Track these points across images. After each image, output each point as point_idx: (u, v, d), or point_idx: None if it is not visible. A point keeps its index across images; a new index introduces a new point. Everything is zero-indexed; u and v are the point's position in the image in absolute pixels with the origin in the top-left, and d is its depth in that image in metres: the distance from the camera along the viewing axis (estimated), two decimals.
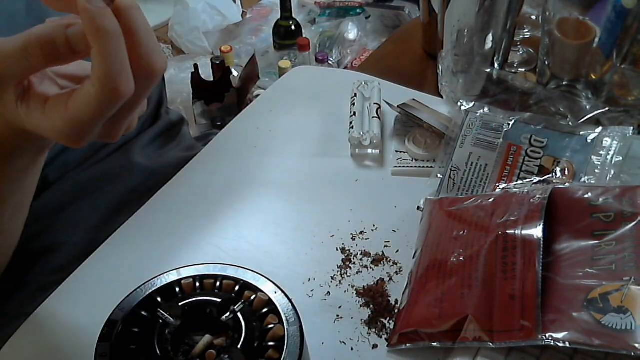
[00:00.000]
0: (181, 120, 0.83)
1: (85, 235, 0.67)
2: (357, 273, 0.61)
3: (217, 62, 1.92)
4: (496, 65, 0.85)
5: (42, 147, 0.49)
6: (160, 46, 0.40)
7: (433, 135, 0.74)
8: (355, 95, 0.79)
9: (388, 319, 0.56)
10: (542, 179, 0.63)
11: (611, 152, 0.64)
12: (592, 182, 0.62)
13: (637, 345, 0.44)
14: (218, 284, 0.48)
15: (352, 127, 0.75)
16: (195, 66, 1.88)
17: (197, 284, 0.48)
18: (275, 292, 0.47)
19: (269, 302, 0.46)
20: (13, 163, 0.48)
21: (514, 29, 0.86)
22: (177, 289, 0.48)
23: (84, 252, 0.64)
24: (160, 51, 0.40)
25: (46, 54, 0.38)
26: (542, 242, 0.52)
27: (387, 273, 0.61)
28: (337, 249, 0.63)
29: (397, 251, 0.63)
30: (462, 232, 0.58)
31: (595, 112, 0.70)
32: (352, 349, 0.55)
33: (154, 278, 0.48)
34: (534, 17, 0.97)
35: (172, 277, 0.48)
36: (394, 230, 0.65)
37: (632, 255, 0.50)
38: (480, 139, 0.67)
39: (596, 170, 0.63)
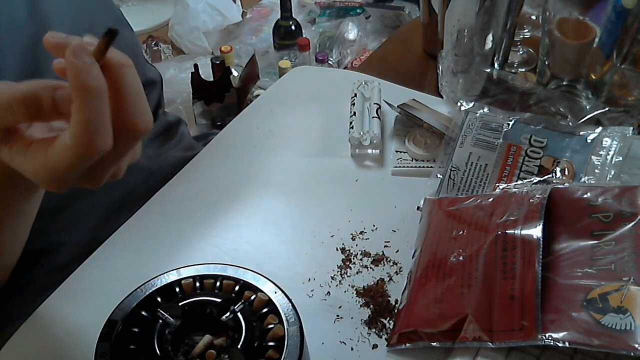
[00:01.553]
0: (179, 121, 0.83)
1: (85, 235, 0.67)
2: (357, 273, 0.61)
3: (217, 62, 1.91)
4: (496, 65, 0.85)
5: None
6: (147, 105, 0.40)
7: (433, 135, 0.74)
8: (355, 95, 0.79)
9: (388, 319, 0.56)
10: (542, 179, 0.63)
11: (611, 152, 0.64)
12: (592, 182, 0.62)
13: (636, 346, 0.44)
14: (218, 284, 0.48)
15: (352, 127, 0.75)
16: (195, 66, 1.88)
17: (197, 284, 0.48)
18: (275, 292, 0.47)
19: (269, 302, 0.46)
20: (9, 190, 0.48)
21: (514, 29, 0.86)
22: (177, 289, 0.48)
23: (84, 252, 0.64)
24: (147, 111, 0.39)
25: (30, 112, 0.38)
26: (541, 242, 0.52)
27: (387, 273, 0.61)
28: (337, 249, 0.63)
29: (397, 251, 0.63)
30: (461, 232, 0.58)
31: (595, 112, 0.70)
32: (352, 349, 0.55)
33: (154, 278, 0.48)
34: (534, 17, 0.97)
35: (172, 277, 0.48)
36: (394, 230, 0.65)
37: (632, 255, 0.50)
38: (480, 139, 0.67)
39: (596, 171, 0.63)
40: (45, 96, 0.38)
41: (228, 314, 0.45)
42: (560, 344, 0.46)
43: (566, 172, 0.63)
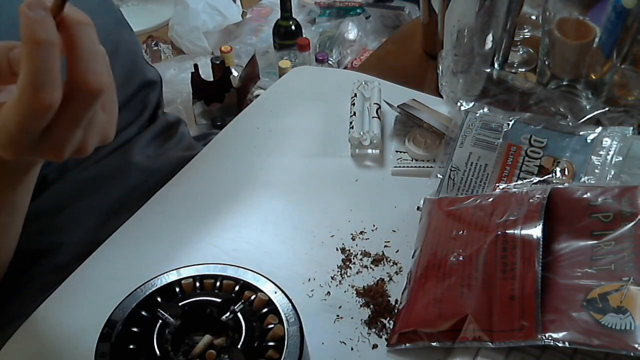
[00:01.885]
0: (178, 121, 0.83)
1: (85, 235, 0.67)
2: (357, 273, 0.61)
3: (217, 62, 1.91)
4: (496, 65, 0.85)
5: (23, 165, 0.48)
6: (103, 66, 0.39)
7: (433, 135, 0.74)
8: (355, 95, 0.79)
9: (388, 319, 0.56)
10: (541, 179, 0.63)
11: (611, 152, 0.64)
12: (592, 182, 0.62)
13: (636, 346, 0.44)
14: (218, 284, 0.48)
15: (352, 127, 0.75)
16: (195, 66, 1.88)
17: (197, 284, 0.48)
18: (275, 292, 0.47)
19: (269, 302, 0.46)
20: None
21: (514, 29, 0.86)
22: (177, 289, 0.48)
23: (84, 252, 0.64)
24: (100, 71, 0.38)
25: None
26: (541, 242, 0.52)
27: (387, 273, 0.61)
28: (337, 249, 0.63)
29: (397, 251, 0.63)
30: (461, 232, 0.58)
31: (595, 112, 0.70)
32: (352, 349, 0.55)
33: (154, 278, 0.48)
34: (534, 17, 0.97)
35: (172, 277, 0.48)
36: (394, 230, 0.65)
37: (631, 255, 0.50)
38: (480, 139, 0.67)
39: (596, 171, 0.63)
40: (1, 56, 0.37)
41: (228, 314, 0.45)
42: (560, 344, 0.46)
43: (566, 172, 0.63)
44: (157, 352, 0.43)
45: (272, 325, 0.45)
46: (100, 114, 0.42)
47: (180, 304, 0.46)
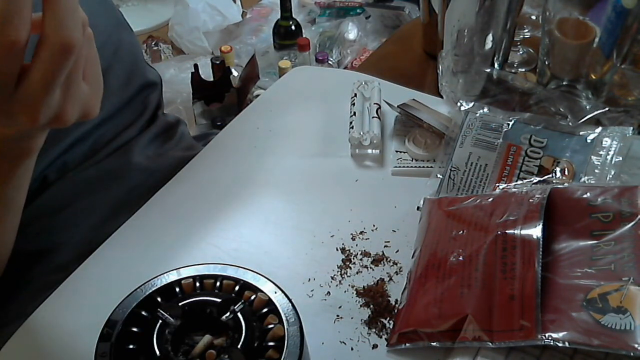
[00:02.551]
0: (178, 121, 0.83)
1: (85, 235, 0.67)
2: (357, 273, 0.61)
3: (217, 62, 1.91)
4: (496, 65, 0.85)
5: (18, 152, 0.48)
6: (79, 26, 0.39)
7: (433, 135, 0.74)
8: (355, 95, 0.79)
9: (388, 319, 0.56)
10: (541, 179, 0.63)
11: (611, 152, 0.64)
12: (592, 182, 0.62)
13: (636, 346, 0.44)
14: (218, 284, 0.48)
15: (352, 127, 0.75)
16: (195, 66, 1.88)
17: (197, 284, 0.48)
18: (275, 292, 0.47)
19: (269, 302, 0.46)
20: None
21: (514, 29, 0.86)
22: (177, 289, 0.48)
23: (84, 252, 0.64)
24: (75, 29, 0.38)
25: None
26: (541, 242, 0.52)
27: (387, 273, 0.61)
28: (337, 249, 0.63)
29: (397, 251, 0.63)
30: (461, 232, 0.58)
31: (595, 112, 0.70)
32: (352, 349, 0.55)
33: (154, 278, 0.48)
34: (534, 17, 0.97)
35: (172, 277, 0.48)
36: (394, 230, 0.65)
37: (631, 255, 0.50)
38: (480, 139, 0.67)
39: (596, 171, 0.63)
40: None
41: (228, 314, 0.45)
42: (560, 344, 0.46)
43: (566, 172, 0.63)
44: (157, 352, 0.43)
45: (272, 325, 0.45)
46: (81, 83, 0.42)
47: (180, 304, 0.46)
